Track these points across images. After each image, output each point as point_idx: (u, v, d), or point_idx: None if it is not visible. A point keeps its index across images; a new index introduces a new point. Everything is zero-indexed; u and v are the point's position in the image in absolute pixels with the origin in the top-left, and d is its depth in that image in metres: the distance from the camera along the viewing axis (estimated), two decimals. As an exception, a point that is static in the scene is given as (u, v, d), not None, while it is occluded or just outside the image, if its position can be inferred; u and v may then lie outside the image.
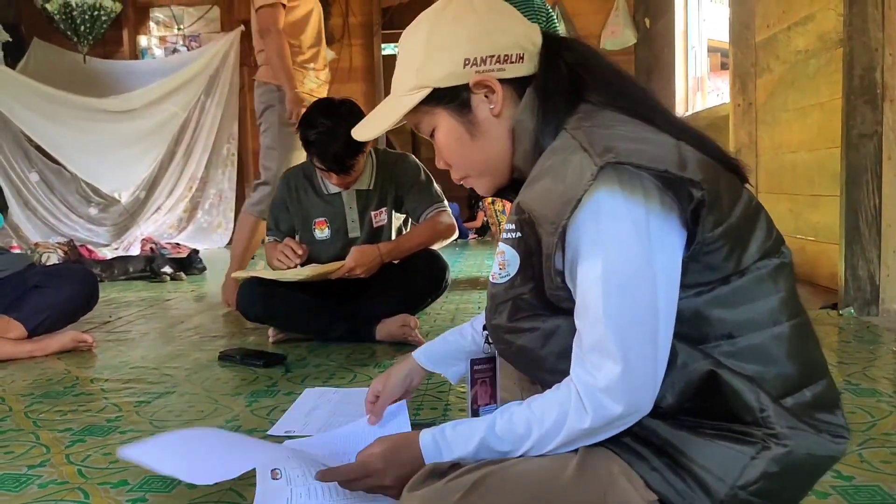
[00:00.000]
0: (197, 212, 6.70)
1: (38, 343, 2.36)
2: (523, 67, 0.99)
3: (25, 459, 1.44)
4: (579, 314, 0.87)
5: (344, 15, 6.69)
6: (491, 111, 0.99)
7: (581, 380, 0.87)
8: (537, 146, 0.95)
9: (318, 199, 2.55)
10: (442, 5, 1.02)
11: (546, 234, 0.87)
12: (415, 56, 1.00)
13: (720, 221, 0.86)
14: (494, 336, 1.02)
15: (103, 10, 6.61)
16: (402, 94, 1.02)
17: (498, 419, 0.92)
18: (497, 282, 0.96)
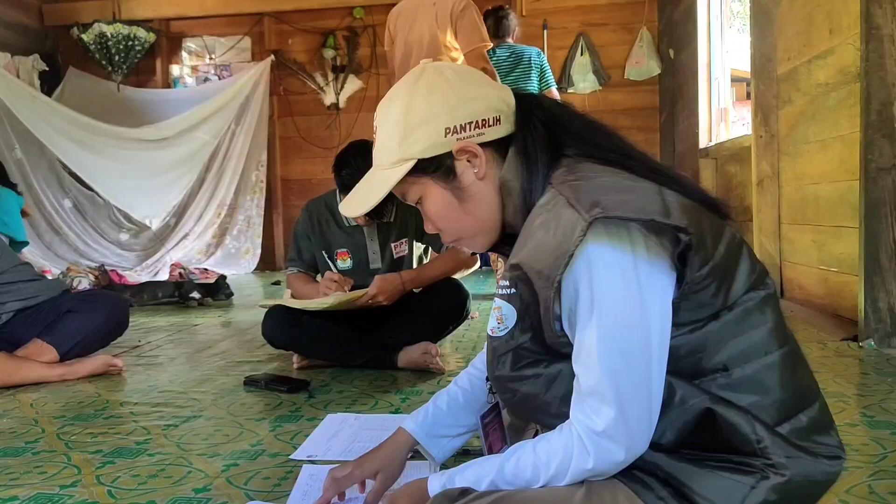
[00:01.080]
0: (225, 238, 6.82)
1: (69, 367, 2.43)
2: (501, 129, 1.02)
3: (58, 480, 1.49)
4: (576, 360, 0.91)
5: (372, 45, 6.82)
6: (476, 175, 1.02)
7: (581, 423, 0.90)
8: (526, 202, 0.99)
9: (340, 230, 2.60)
10: (413, 79, 1.05)
11: (542, 288, 0.91)
12: (395, 130, 1.02)
13: (706, 261, 0.89)
14: (498, 386, 1.04)
15: (137, 40, 6.81)
16: (386, 168, 1.04)
17: (506, 464, 0.96)
18: (497, 335, 0.98)
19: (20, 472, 1.54)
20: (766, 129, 3.65)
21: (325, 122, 6.95)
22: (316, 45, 6.90)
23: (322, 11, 6.82)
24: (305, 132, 7.00)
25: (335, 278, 2.44)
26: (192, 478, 1.48)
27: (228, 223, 6.84)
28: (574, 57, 6.42)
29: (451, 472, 1.00)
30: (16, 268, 2.54)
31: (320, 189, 6.63)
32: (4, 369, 2.29)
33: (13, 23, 6.78)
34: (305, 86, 6.96)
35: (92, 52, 6.82)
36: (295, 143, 7.04)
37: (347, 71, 6.85)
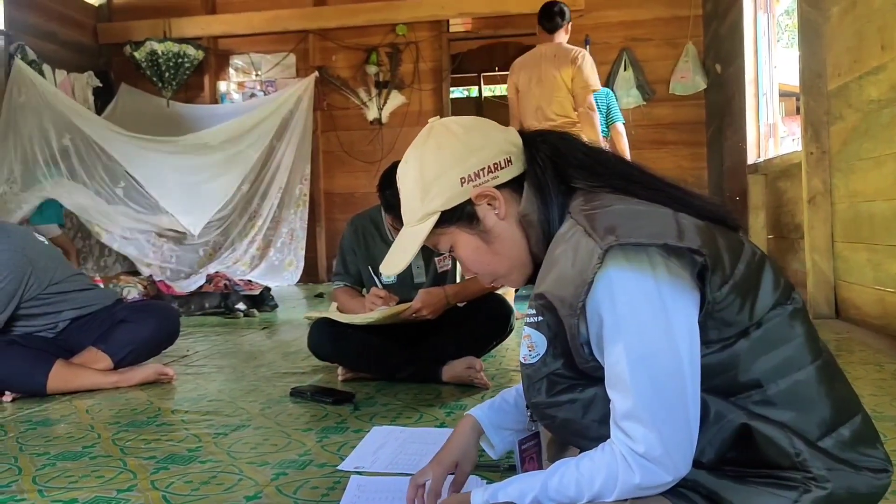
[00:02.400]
0: (269, 250, 6.92)
1: (122, 374, 2.49)
2: (514, 168, 1.07)
3: (115, 484, 1.53)
4: (610, 385, 0.93)
5: (415, 61, 6.91)
6: (497, 216, 1.07)
7: (624, 445, 0.91)
8: (546, 233, 1.03)
9: (385, 245, 2.62)
10: (423, 140, 1.12)
11: (566, 316, 0.93)
12: (415, 189, 1.09)
13: (725, 280, 0.91)
14: (537, 413, 1.06)
15: (187, 57, 7.00)
16: (414, 225, 1.11)
17: (550, 481, 0.96)
18: (529, 363, 1.01)
19: (79, 476, 1.58)
20: (817, 146, 3.59)
21: (367, 136, 7.04)
22: (359, 62, 7.01)
23: (365, 28, 6.93)
24: (348, 146, 7.09)
25: (381, 294, 2.46)
26: (242, 485, 1.50)
27: (272, 235, 6.94)
28: (617, 72, 6.41)
29: (494, 487, 1.01)
30: (71, 277, 2.61)
31: (363, 203, 6.75)
32: (61, 375, 2.36)
33: (70, 41, 7.02)
34: (349, 101, 7.06)
35: (143, 69, 7.02)
36: (338, 158, 7.14)
37: (390, 87, 6.94)
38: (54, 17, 6.82)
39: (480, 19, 6.88)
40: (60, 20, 6.90)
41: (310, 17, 7.00)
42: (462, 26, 6.97)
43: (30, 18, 6.49)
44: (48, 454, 1.75)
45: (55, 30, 6.82)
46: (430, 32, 6.89)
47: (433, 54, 6.92)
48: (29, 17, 6.48)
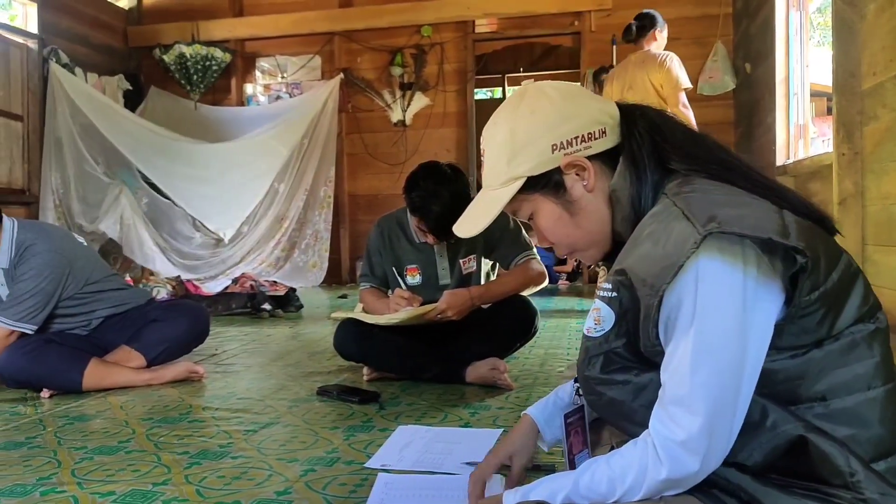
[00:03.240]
0: (294, 251, 6.98)
1: (154, 372, 2.55)
2: (607, 140, 1.04)
3: (150, 478, 1.57)
4: (667, 368, 0.91)
5: (439, 62, 6.92)
6: (585, 187, 1.04)
7: (659, 433, 0.90)
8: (636, 211, 1.00)
9: (410, 246, 2.64)
10: (517, 101, 1.08)
11: (645, 296, 0.91)
12: (502, 151, 1.05)
13: (816, 286, 0.88)
14: (585, 387, 1.04)
15: (214, 60, 7.08)
16: (496, 188, 1.07)
17: (581, 478, 0.96)
18: (591, 335, 0.99)
19: (115, 470, 1.62)
20: (849, 147, 3.54)
21: (391, 138, 7.07)
22: (384, 63, 7.04)
23: (390, 30, 6.96)
24: (373, 148, 7.13)
25: (405, 296, 2.48)
26: (273, 481, 1.53)
27: (297, 237, 7.00)
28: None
29: (525, 488, 1.01)
30: (107, 277, 2.67)
31: (387, 204, 6.79)
32: (96, 373, 2.42)
33: (100, 44, 7.15)
34: (373, 103, 7.10)
35: (172, 72, 7.12)
36: (362, 160, 7.18)
37: (414, 88, 6.97)
38: (86, 21, 6.94)
39: (506, 19, 6.87)
40: (92, 24, 7.02)
41: (335, 19, 7.05)
42: (488, 27, 6.96)
43: (62, 23, 6.62)
44: (85, 448, 1.80)
45: (86, 33, 6.95)
46: (456, 33, 6.90)
47: (458, 55, 6.93)
48: (62, 22, 6.61)
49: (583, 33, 6.55)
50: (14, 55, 6.13)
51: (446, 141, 6.94)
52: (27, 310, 2.41)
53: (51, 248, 2.47)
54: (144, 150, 6.39)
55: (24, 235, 2.47)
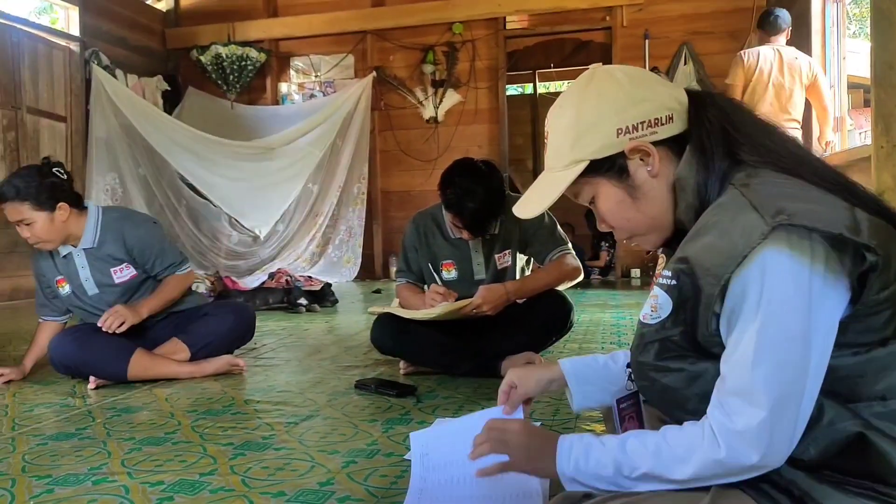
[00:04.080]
0: (328, 247, 7.07)
1: (197, 365, 2.62)
2: (674, 127, 1.02)
3: (197, 468, 1.62)
4: (728, 359, 0.89)
5: (471, 59, 6.94)
6: (649, 173, 1.02)
7: (717, 420, 0.88)
8: (701, 200, 0.98)
9: (446, 242, 2.66)
10: (584, 83, 1.07)
11: (707, 285, 0.89)
12: (567, 134, 1.04)
13: (886, 285, 0.86)
14: (639, 373, 1.03)
15: (250, 60, 7.19)
16: (559, 170, 1.06)
17: (630, 439, 0.95)
18: (647, 322, 0.98)
19: (163, 460, 1.68)
20: (887, 139, 3.47)
21: (423, 135, 7.11)
22: (416, 61, 7.08)
23: (422, 28, 7.00)
24: (405, 145, 7.18)
25: (440, 291, 2.50)
26: (315, 472, 1.57)
27: (331, 233, 7.08)
28: (677, 66, 6.31)
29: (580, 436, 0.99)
30: None
31: (419, 200, 6.83)
32: (141, 364, 2.49)
33: (140, 46, 7.30)
34: (405, 100, 7.15)
35: (209, 73, 7.25)
36: (395, 157, 7.23)
37: (446, 85, 7.00)
38: (125, 23, 7.09)
39: (537, 16, 6.86)
40: (131, 26, 7.17)
41: (368, 18, 7.12)
42: (518, 23, 6.96)
43: (103, 25, 6.77)
44: (133, 439, 1.86)
45: (126, 36, 7.10)
46: (487, 30, 6.91)
47: (489, 52, 6.94)
48: (102, 24, 6.76)
49: (614, 28, 6.52)
50: (57, 58, 6.29)
51: (478, 137, 6.96)
52: (176, 252, 2.69)
53: (147, 218, 2.76)
54: (182, 151, 6.52)
55: (111, 216, 2.63)
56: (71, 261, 2.60)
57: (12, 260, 5.69)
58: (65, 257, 2.60)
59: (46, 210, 2.44)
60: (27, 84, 6.00)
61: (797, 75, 4.36)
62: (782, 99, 4.36)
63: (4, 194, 2.42)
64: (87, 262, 2.59)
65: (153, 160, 6.66)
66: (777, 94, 4.36)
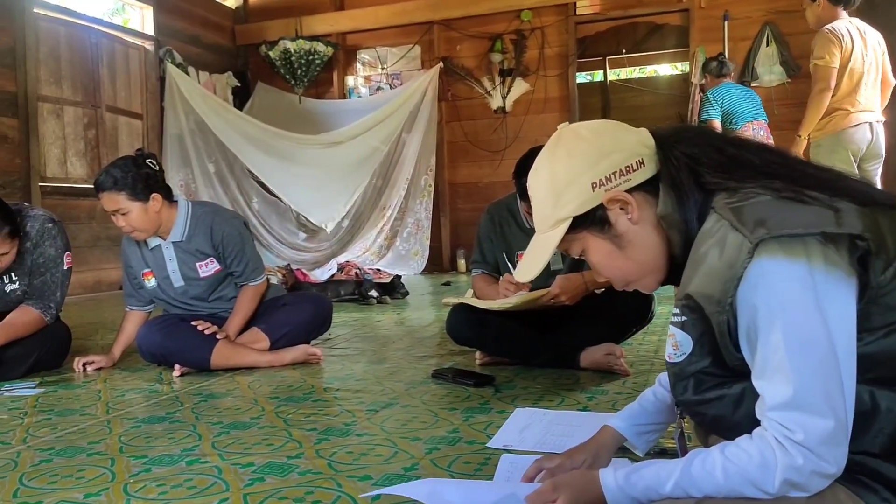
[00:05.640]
0: (396, 240, 7.11)
1: (276, 354, 2.66)
2: (647, 170, 1.05)
3: (284, 451, 1.64)
4: (762, 375, 0.89)
5: (540, 47, 6.85)
6: (630, 220, 1.05)
7: (779, 432, 0.88)
8: (686, 233, 1.01)
9: (521, 232, 2.62)
10: (553, 145, 1.11)
11: (713, 313, 0.92)
12: (546, 196, 1.10)
13: (889, 262, 0.89)
14: (686, 410, 1.06)
15: (317, 54, 7.28)
16: (546, 231, 1.11)
17: (690, 466, 0.94)
18: (674, 361, 1.00)
19: (251, 444, 1.71)
20: None
21: (491, 125, 7.07)
22: (483, 50, 7.04)
23: (490, 17, 6.95)
24: (472, 136, 7.15)
25: (513, 281, 2.46)
26: (399, 458, 1.57)
27: (399, 226, 7.12)
28: (759, 48, 6.08)
29: (625, 470, 1.00)
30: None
31: (486, 192, 6.80)
32: (223, 352, 2.55)
33: (211, 44, 7.48)
34: (473, 90, 7.11)
35: (277, 68, 7.37)
36: (462, 148, 7.21)
37: (514, 74, 6.93)
38: (197, 21, 7.28)
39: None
40: (202, 24, 7.36)
41: (434, 8, 7.10)
42: (590, 8, 6.80)
43: (176, 24, 6.97)
44: (221, 423, 1.90)
45: (197, 33, 7.29)
46: (557, 17, 6.80)
47: (559, 39, 6.83)
48: (175, 23, 6.96)
49: (692, 10, 6.32)
50: (133, 57, 6.51)
51: (547, 127, 6.84)
52: (256, 257, 2.75)
53: (236, 216, 2.85)
54: (252, 147, 6.67)
55: (201, 210, 2.70)
56: (159, 253, 2.67)
57: (94, 254, 5.92)
58: (152, 250, 2.67)
59: (141, 200, 2.51)
60: (105, 83, 6.23)
61: (881, 56, 3.90)
62: (876, 84, 3.88)
63: (102, 184, 2.50)
64: (174, 254, 2.66)
65: (224, 156, 6.83)
66: (875, 78, 3.87)
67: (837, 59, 3.79)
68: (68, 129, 5.92)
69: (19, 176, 5.37)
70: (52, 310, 2.63)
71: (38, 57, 5.60)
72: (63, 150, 5.87)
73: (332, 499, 1.34)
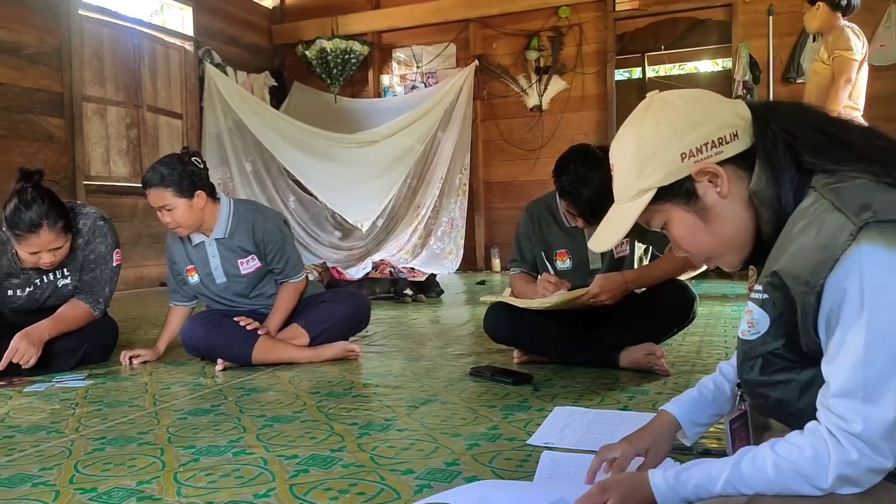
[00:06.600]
0: (430, 238, 7.12)
1: (315, 350, 2.69)
2: (740, 143, 1.01)
3: (327, 445, 1.66)
4: (832, 361, 0.88)
5: (577, 44, 6.79)
6: (719, 194, 1.02)
7: (833, 423, 0.86)
8: (779, 211, 0.98)
9: (561, 231, 2.61)
10: (642, 112, 1.08)
11: (800, 294, 0.89)
12: (631, 166, 1.06)
13: None
14: (748, 391, 1.04)
15: (353, 53, 7.32)
16: (627, 201, 1.08)
17: (740, 464, 0.94)
18: (747, 338, 0.98)
19: (294, 437, 1.73)
20: None
21: (527, 124, 7.03)
22: (519, 48, 7.01)
23: (526, 14, 6.91)
24: (508, 135, 7.12)
25: (551, 280, 2.46)
26: (440, 453, 1.58)
27: (433, 225, 7.13)
28: (805, 43, 5.94)
29: (675, 469, 1.00)
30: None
31: (521, 191, 6.78)
32: (265, 348, 2.59)
33: (249, 44, 7.58)
34: (508, 89, 7.09)
35: (313, 67, 7.43)
36: (497, 146, 7.19)
37: (551, 72, 6.88)
38: (235, 21, 7.38)
39: (650, -6, 6.62)
40: (240, 24, 7.46)
41: (470, 6, 7.08)
42: (629, 3, 6.69)
43: (214, 24, 7.08)
44: (265, 416, 1.93)
45: (235, 34, 7.39)
46: (595, 13, 6.72)
47: (597, 35, 6.76)
48: (214, 23, 7.07)
49: (735, 5, 6.19)
50: (173, 57, 6.62)
51: (585, 125, 6.81)
52: (296, 255, 2.79)
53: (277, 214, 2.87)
54: (288, 146, 6.73)
55: (243, 208, 2.75)
56: (202, 250, 2.72)
57: (137, 251, 6.04)
58: (196, 246, 2.72)
59: (186, 197, 2.57)
60: (147, 83, 6.35)
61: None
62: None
63: (149, 181, 2.56)
64: (217, 251, 2.71)
65: (261, 155, 6.91)
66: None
67: (860, 55, 3.80)
68: (111, 128, 6.05)
69: (65, 175, 5.50)
70: (100, 305, 2.70)
71: (83, 58, 5.73)
72: (106, 150, 6.00)
73: (376, 491, 1.36)
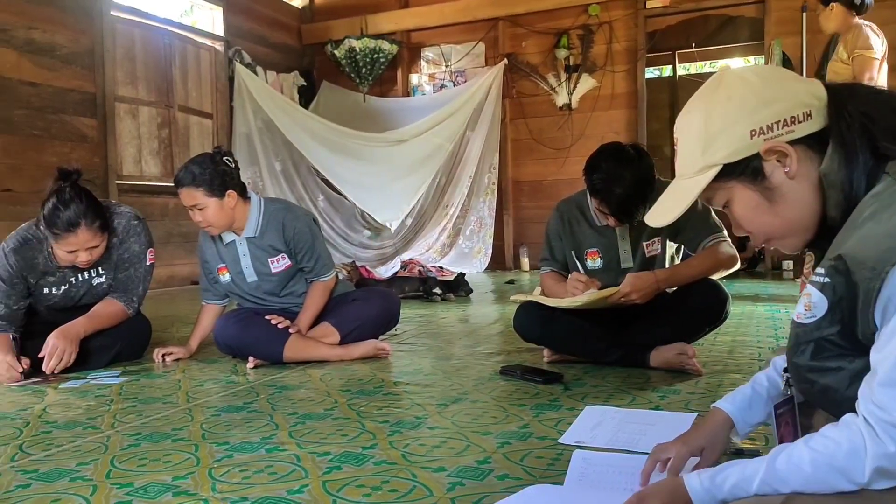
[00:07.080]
0: (459, 238, 7.12)
1: (346, 349, 2.70)
2: (813, 123, 0.99)
3: (358, 442, 1.67)
4: (882, 349, 0.85)
5: (607, 42, 6.73)
6: (786, 174, 1.00)
7: (873, 413, 0.85)
8: (847, 196, 0.96)
9: (591, 230, 2.59)
10: (713, 86, 1.05)
11: (863, 279, 0.86)
12: (697, 139, 1.04)
13: None
14: (796, 375, 1.01)
15: (382, 52, 7.34)
16: (690, 176, 1.06)
17: (775, 462, 0.92)
18: (801, 322, 0.96)
19: (326, 434, 1.74)
20: None
21: (557, 122, 6.99)
22: (549, 46, 6.96)
23: (556, 12, 6.86)
24: (537, 134, 7.09)
25: (581, 279, 2.44)
26: (471, 451, 1.58)
27: (461, 224, 7.13)
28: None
29: (710, 471, 0.99)
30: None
31: (551, 190, 6.75)
32: (295, 346, 2.61)
33: (278, 44, 7.64)
34: (538, 87, 7.05)
35: (342, 66, 7.46)
36: (526, 145, 7.16)
37: (581, 70, 6.83)
38: (265, 21, 7.44)
39: (681, -9, 6.54)
40: (270, 24, 7.52)
41: (499, 4, 7.05)
42: (660, 1, 6.60)
43: (244, 24, 7.14)
44: (296, 414, 1.94)
45: (265, 33, 7.45)
46: (625, 11, 6.66)
47: (627, 33, 6.69)
48: (243, 23, 7.13)
49: (767, 2, 6.08)
50: (203, 57, 6.70)
51: (615, 123, 6.75)
52: (326, 254, 2.80)
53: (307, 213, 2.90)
54: (318, 145, 6.78)
55: (273, 207, 2.78)
56: (233, 248, 2.74)
57: (167, 250, 6.12)
58: (227, 245, 2.75)
59: (217, 196, 2.60)
60: (178, 83, 6.42)
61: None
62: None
63: (181, 180, 2.59)
64: (248, 250, 2.73)
65: (290, 154, 6.97)
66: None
67: (880, 53, 3.79)
68: (143, 128, 6.13)
69: (98, 174, 5.59)
70: (134, 303, 2.74)
71: (115, 58, 5.81)
72: (138, 149, 6.09)
73: (408, 488, 1.36)
